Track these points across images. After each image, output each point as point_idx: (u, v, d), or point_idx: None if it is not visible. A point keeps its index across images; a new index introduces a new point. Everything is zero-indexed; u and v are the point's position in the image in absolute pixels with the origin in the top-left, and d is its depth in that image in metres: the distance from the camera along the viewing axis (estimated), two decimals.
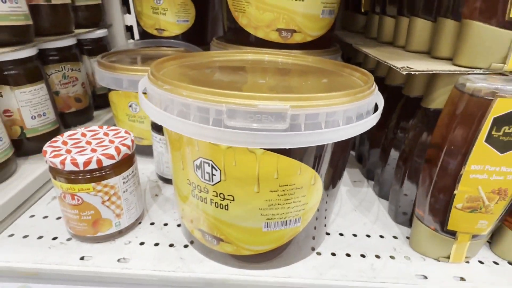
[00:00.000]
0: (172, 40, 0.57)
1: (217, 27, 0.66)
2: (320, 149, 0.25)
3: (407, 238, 0.35)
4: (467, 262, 0.32)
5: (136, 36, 0.73)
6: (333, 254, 0.32)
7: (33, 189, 0.41)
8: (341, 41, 0.52)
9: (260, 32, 0.43)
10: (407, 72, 0.28)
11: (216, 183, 0.25)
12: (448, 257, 0.31)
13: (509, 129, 0.25)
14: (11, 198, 0.37)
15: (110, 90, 0.47)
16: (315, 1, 0.41)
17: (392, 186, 0.38)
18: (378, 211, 0.40)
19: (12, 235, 0.33)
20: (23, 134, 0.46)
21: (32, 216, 0.36)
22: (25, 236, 0.33)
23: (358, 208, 0.40)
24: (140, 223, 0.35)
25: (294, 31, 0.42)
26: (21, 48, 0.43)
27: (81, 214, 0.30)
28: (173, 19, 0.56)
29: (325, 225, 0.34)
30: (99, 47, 0.64)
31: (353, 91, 0.24)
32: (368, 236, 0.35)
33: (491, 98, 0.25)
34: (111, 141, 0.31)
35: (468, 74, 0.28)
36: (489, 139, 0.26)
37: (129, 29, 0.74)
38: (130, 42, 0.72)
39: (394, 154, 0.38)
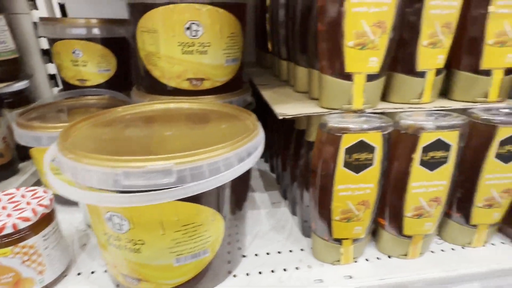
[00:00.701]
0: (95, 89, 0.60)
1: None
2: (214, 191, 0.30)
3: (312, 248, 0.41)
4: (356, 261, 0.39)
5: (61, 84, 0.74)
6: (247, 274, 0.37)
7: None
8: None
9: (173, 82, 0.48)
10: (282, 117, 0.35)
11: (126, 231, 0.29)
12: (340, 260, 0.38)
13: (357, 155, 0.33)
14: None
15: None
16: (217, 53, 0.47)
17: (298, 204, 0.45)
18: (291, 228, 0.46)
19: None
20: None
21: None
22: None
23: (274, 227, 0.46)
24: (66, 275, 0.37)
25: (203, 79, 0.48)
26: None
27: (1, 278, 0.31)
28: (94, 69, 0.59)
29: (239, 248, 0.39)
30: (21, 99, 0.64)
31: (233, 141, 0.29)
32: (279, 252, 0.41)
33: (340, 134, 0.32)
34: (28, 203, 0.33)
35: (329, 114, 0.35)
36: (346, 164, 0.33)
37: (53, 77, 0.74)
38: (55, 90, 0.73)
39: (296, 176, 0.45)
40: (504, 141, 0.35)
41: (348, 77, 0.34)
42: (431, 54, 0.36)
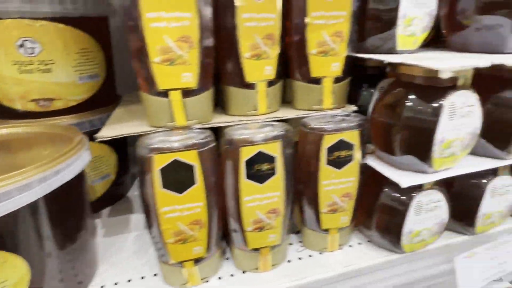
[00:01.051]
0: None
1: None
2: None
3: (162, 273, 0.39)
4: (207, 281, 0.38)
5: None
6: None
7: None
8: None
9: (17, 104, 0.44)
10: (100, 139, 0.33)
11: None
12: (186, 283, 0.37)
13: (175, 175, 0.31)
14: None
15: None
16: (65, 71, 0.44)
17: None
18: (154, 252, 0.44)
19: None
20: None
21: None
22: None
23: (137, 252, 0.43)
24: None
25: (53, 99, 0.45)
26: None
27: None
28: None
29: (80, 283, 0.36)
30: None
31: (15, 173, 0.27)
32: (129, 281, 0.38)
33: (152, 155, 0.31)
34: None
35: (152, 133, 0.34)
36: (165, 185, 0.32)
37: None
38: None
39: None
40: (331, 148, 0.36)
41: (163, 94, 0.33)
42: (257, 66, 0.36)
